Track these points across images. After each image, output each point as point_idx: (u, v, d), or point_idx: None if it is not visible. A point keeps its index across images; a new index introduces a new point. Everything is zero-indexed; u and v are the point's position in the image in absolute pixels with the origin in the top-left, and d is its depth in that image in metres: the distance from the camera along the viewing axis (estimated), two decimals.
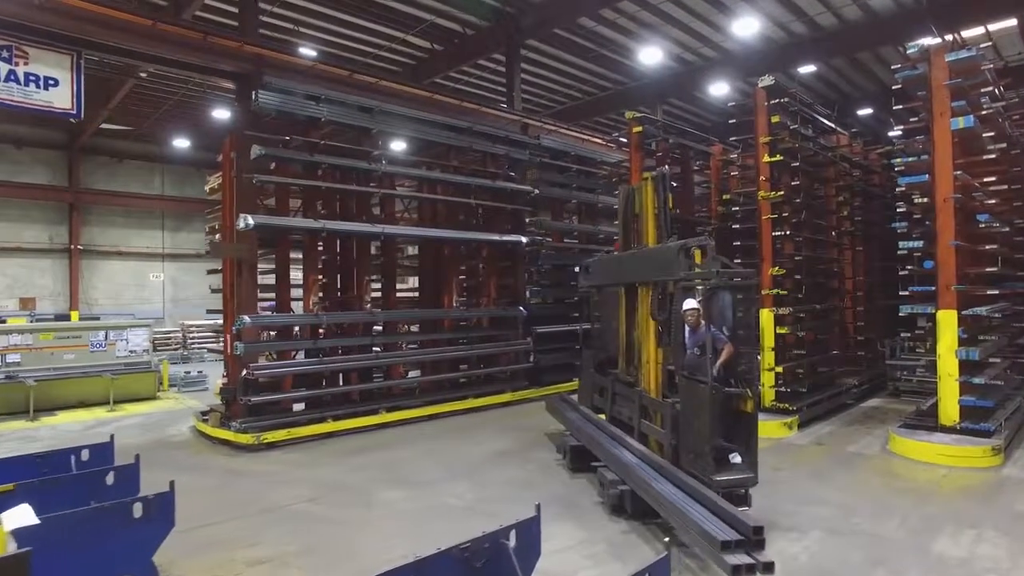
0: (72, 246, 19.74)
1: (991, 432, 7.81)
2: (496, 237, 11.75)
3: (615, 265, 7.66)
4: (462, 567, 3.80)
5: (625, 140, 11.60)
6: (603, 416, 7.64)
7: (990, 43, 11.56)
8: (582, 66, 16.50)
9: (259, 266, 9.71)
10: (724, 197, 12.48)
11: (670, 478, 5.41)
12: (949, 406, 8.19)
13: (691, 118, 19.92)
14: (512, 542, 4.05)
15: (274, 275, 9.88)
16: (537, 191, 12.29)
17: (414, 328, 12.06)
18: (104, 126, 18.41)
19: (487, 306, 11.98)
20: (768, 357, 9.51)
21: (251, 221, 8.70)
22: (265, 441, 8.76)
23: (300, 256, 10.11)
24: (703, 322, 5.85)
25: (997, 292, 8.47)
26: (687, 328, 5.98)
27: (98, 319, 19.54)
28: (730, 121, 11.92)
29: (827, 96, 17.93)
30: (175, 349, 19.30)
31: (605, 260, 8.32)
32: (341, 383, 10.22)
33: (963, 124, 8.00)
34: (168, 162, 21.53)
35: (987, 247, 8.53)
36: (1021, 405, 9.50)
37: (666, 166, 6.81)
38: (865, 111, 18.10)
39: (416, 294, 12.56)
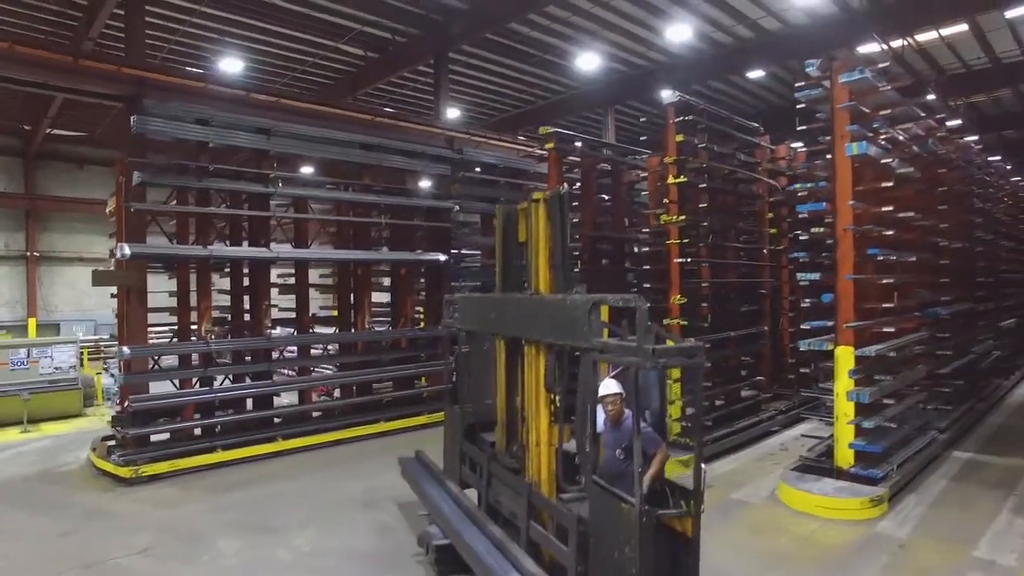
0: (29, 253, 19.81)
1: (877, 480, 7.41)
2: (410, 256, 11.45)
3: (492, 309, 5.85)
4: None
5: (543, 154, 11.17)
6: (472, 489, 6.20)
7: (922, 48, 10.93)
8: (529, 71, 16.04)
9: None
10: (659, 214, 12.01)
11: None
12: (843, 449, 7.79)
13: (657, 120, 19.37)
14: None
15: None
16: (458, 207, 11.93)
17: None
18: (58, 132, 18.36)
19: (404, 326, 11.73)
20: (674, 388, 9.13)
21: (128, 251, 8.51)
22: (145, 474, 8.60)
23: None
24: (626, 411, 4.43)
25: (893, 330, 7.97)
26: (602, 417, 4.53)
27: (58, 326, 19.70)
28: (641, 138, 11.45)
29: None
30: None
31: (477, 301, 6.56)
32: (250, 408, 10.09)
33: (856, 151, 7.52)
34: None
35: (887, 280, 8.02)
36: (934, 440, 9.09)
37: (564, 185, 5.39)
38: None
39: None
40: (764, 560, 6.02)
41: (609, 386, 4.43)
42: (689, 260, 9.01)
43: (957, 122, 11.40)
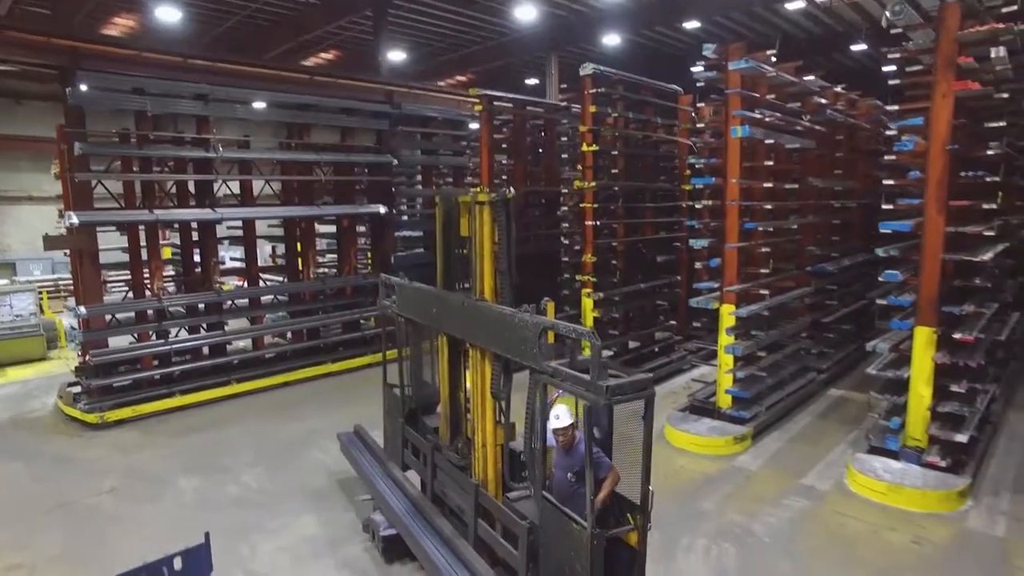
0: None
1: (746, 420, 8.73)
2: (352, 210, 12.14)
3: (434, 304, 5.59)
4: None
5: (475, 116, 11.71)
6: (413, 470, 6.27)
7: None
8: (473, 15, 16.12)
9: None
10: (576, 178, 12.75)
11: None
12: (722, 394, 9.06)
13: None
14: (177, 566, 4.80)
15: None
16: (396, 162, 12.51)
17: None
18: None
19: (349, 273, 12.57)
20: (588, 304, 10.19)
21: (76, 220, 9.07)
22: (110, 420, 9.53)
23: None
24: (578, 435, 4.49)
25: (768, 292, 9.07)
26: (554, 441, 4.55)
27: (13, 266, 19.94)
28: (562, 103, 12.02)
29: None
30: None
31: (418, 292, 5.99)
32: (206, 354, 10.98)
33: (741, 134, 8.34)
34: None
35: (765, 249, 9.06)
36: (813, 380, 10.46)
37: (510, 188, 5.00)
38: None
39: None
40: None
41: (563, 416, 4.42)
42: (599, 224, 9.88)
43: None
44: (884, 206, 7.60)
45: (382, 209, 12.36)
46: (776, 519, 6.64)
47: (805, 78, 9.70)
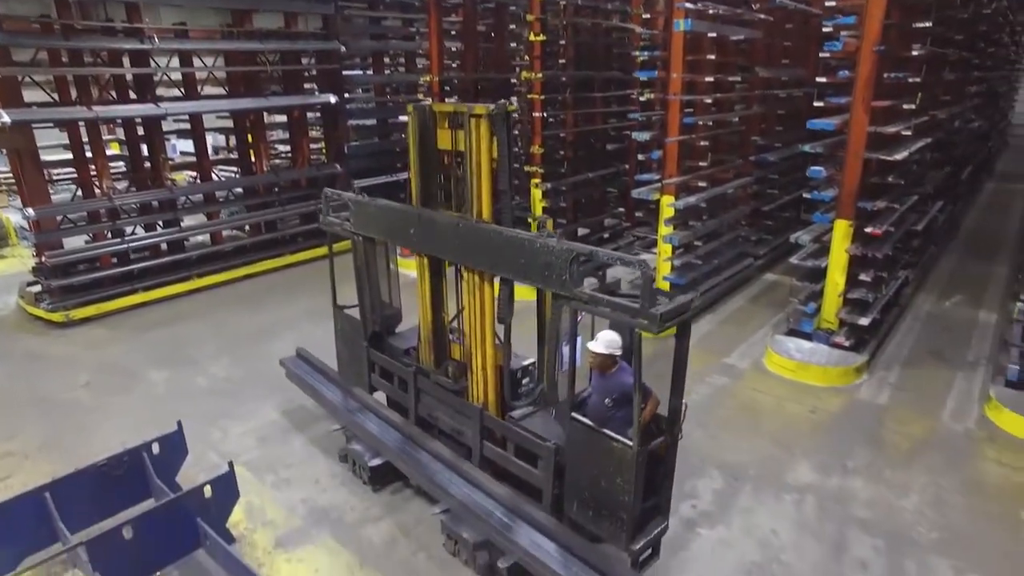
0: None
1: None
2: (301, 101, 11.90)
3: (411, 225, 5.17)
4: (100, 480, 5.04)
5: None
6: (383, 396, 6.20)
7: None
8: None
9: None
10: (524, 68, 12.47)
11: (580, 555, 4.22)
12: (660, 281, 9.68)
13: None
14: (155, 451, 5.39)
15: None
16: (345, 48, 12.12)
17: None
18: None
19: (302, 165, 12.53)
20: (532, 228, 10.63)
21: (6, 118, 8.77)
22: (76, 318, 9.80)
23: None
24: (621, 363, 4.31)
25: (706, 184, 9.46)
26: (579, 351, 4.33)
27: None
28: None
29: None
30: None
31: (385, 211, 5.49)
32: (166, 251, 11.11)
33: (684, 27, 8.33)
34: None
35: (703, 143, 9.33)
36: (750, 266, 11.16)
37: (511, 100, 4.57)
38: None
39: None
40: None
41: (610, 340, 4.23)
42: (547, 115, 9.95)
43: None
44: (815, 103, 7.85)
45: (332, 98, 12.13)
46: (697, 395, 7.44)
47: None
